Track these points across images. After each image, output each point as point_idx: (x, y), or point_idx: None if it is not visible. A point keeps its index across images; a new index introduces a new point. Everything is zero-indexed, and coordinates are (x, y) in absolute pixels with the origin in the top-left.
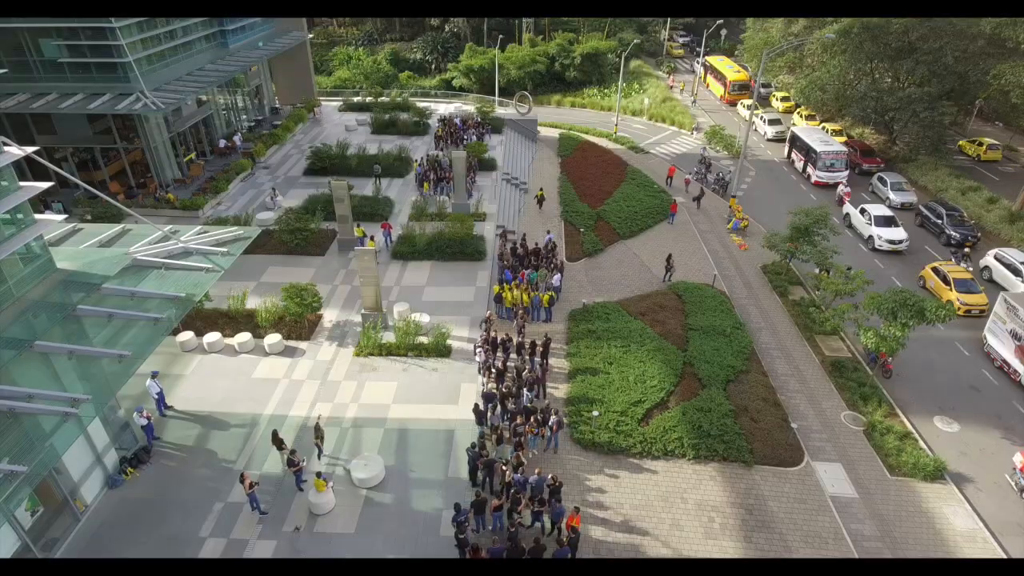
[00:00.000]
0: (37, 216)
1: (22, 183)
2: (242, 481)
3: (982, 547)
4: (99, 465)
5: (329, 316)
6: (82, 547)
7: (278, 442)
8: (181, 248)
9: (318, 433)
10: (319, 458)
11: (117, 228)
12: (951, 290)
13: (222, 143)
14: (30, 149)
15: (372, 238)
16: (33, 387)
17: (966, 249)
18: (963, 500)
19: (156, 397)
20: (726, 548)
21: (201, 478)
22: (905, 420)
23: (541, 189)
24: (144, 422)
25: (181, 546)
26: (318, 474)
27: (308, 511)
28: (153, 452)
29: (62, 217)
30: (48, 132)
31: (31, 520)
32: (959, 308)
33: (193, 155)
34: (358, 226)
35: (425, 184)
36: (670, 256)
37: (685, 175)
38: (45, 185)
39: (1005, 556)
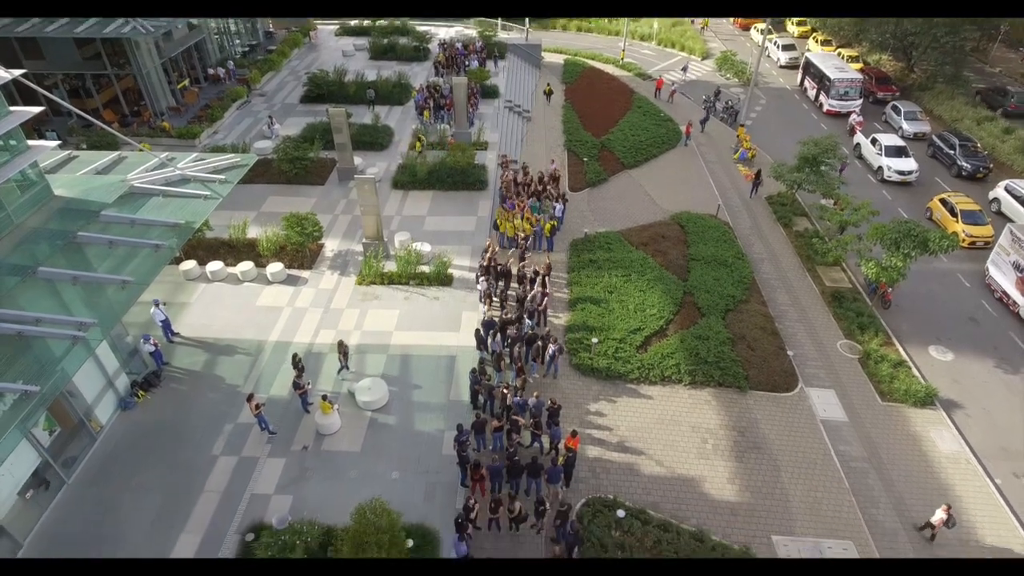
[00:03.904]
0: (30, 143)
1: (12, 108)
2: (249, 401)
3: (964, 468)
4: (111, 388)
5: (330, 245)
6: (99, 464)
7: (297, 365)
8: (178, 175)
9: (342, 349)
10: (339, 373)
11: (113, 155)
12: (958, 222)
13: (211, 71)
14: (17, 72)
15: None
16: (39, 313)
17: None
18: (950, 425)
19: (161, 324)
20: (717, 467)
21: (210, 401)
22: (900, 349)
23: (548, 84)
24: (151, 349)
25: (195, 463)
26: (324, 396)
27: (315, 431)
28: (163, 376)
29: (56, 144)
30: (36, 57)
31: (49, 439)
32: (963, 240)
33: (187, 82)
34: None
35: (425, 112)
36: (759, 172)
37: (671, 88)
38: (36, 110)
39: (986, 476)
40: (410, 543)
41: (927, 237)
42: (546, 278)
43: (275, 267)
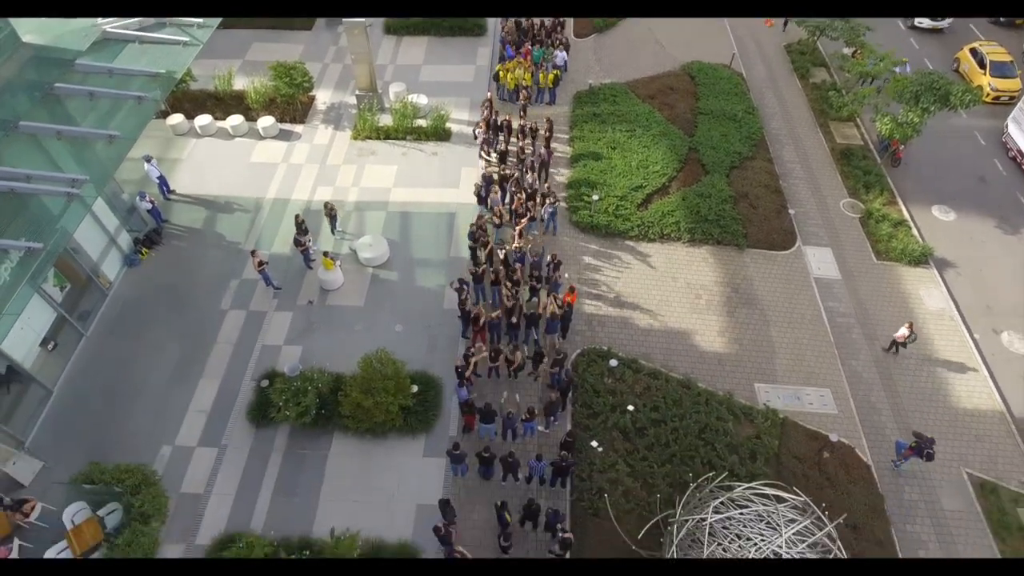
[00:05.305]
0: None
1: None
2: (253, 256)
3: (947, 324)
4: (114, 246)
5: (322, 97)
6: (113, 318)
7: (300, 226)
8: (152, 19)
9: (327, 210)
10: (332, 233)
11: None
12: (986, 74)
13: None
14: None
15: None
16: (29, 170)
17: None
18: (940, 283)
19: (157, 181)
20: (709, 321)
21: (214, 258)
22: (903, 208)
23: None
24: (148, 206)
25: (205, 317)
26: (325, 253)
27: (319, 287)
28: (163, 234)
29: None
30: None
31: (61, 295)
32: (988, 94)
33: None
34: None
35: None
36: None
37: None
38: None
39: (966, 331)
40: (415, 388)
41: (949, 91)
42: (547, 133)
43: (266, 121)
